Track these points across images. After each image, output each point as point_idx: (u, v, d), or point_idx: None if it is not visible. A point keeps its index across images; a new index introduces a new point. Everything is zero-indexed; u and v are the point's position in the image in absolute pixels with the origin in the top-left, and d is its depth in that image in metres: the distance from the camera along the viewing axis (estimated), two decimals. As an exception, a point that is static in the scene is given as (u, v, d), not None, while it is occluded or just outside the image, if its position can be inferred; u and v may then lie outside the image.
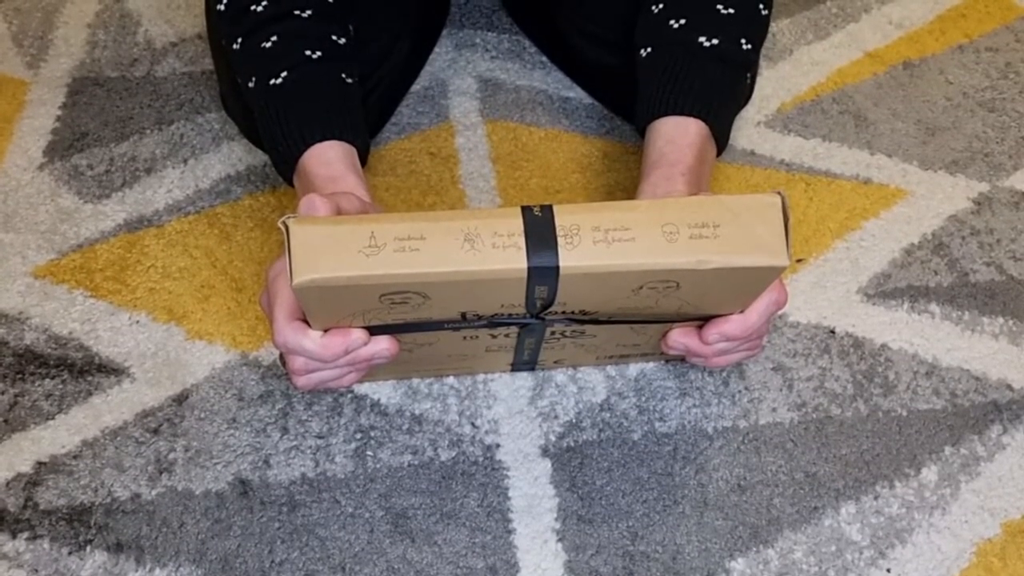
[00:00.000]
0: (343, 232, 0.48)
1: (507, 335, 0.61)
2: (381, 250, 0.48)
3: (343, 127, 0.66)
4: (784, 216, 0.50)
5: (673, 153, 0.65)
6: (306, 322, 0.55)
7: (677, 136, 0.66)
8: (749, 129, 0.88)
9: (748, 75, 0.73)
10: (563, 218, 0.49)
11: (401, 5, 0.84)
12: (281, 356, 0.60)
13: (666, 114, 0.67)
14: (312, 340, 0.55)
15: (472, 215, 0.49)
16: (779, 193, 0.50)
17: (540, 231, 0.49)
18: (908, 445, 0.69)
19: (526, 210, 0.49)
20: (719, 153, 0.70)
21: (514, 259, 0.48)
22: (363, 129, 0.69)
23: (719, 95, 0.69)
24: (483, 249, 0.48)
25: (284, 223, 0.48)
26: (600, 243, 0.49)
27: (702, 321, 0.60)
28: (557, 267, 0.49)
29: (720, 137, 0.69)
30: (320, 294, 0.49)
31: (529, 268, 0.48)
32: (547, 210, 0.49)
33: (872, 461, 0.68)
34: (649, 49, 0.71)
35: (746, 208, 0.50)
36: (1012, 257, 0.80)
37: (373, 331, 0.56)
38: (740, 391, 0.71)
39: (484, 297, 0.52)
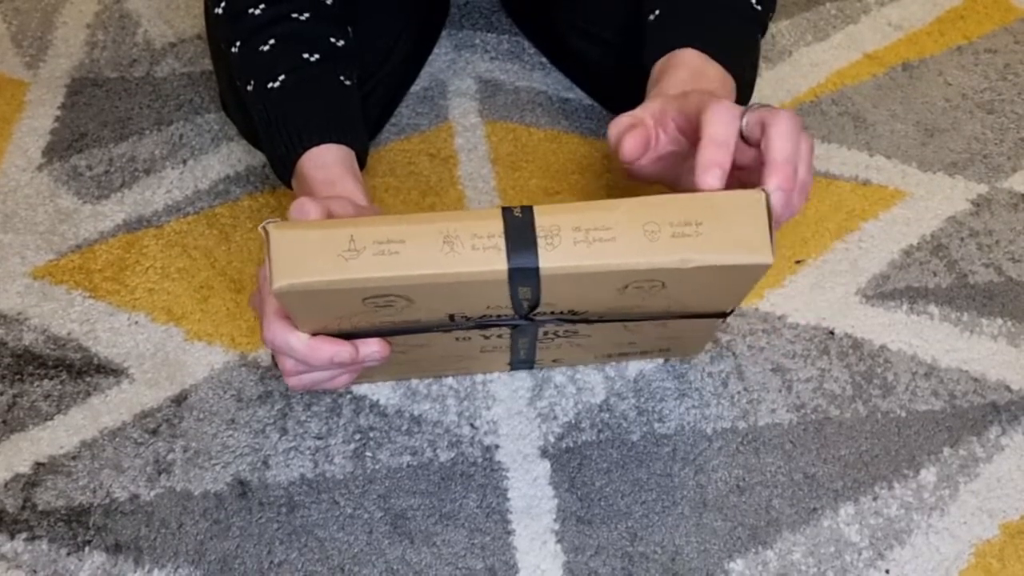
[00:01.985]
0: (322, 236, 0.48)
1: (500, 336, 0.61)
2: (360, 254, 0.48)
3: (341, 130, 0.66)
4: (768, 212, 0.50)
5: (711, 70, 0.62)
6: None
7: (709, 71, 0.62)
8: (748, 130, 0.88)
9: (760, 35, 0.70)
10: (543, 219, 0.49)
11: (400, 6, 0.84)
12: (274, 357, 0.60)
13: (686, 46, 0.63)
14: (300, 340, 0.55)
15: (452, 217, 0.49)
16: (763, 189, 0.50)
17: (520, 232, 0.48)
18: (907, 446, 0.69)
19: (506, 211, 0.49)
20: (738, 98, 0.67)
21: (493, 261, 0.48)
22: (362, 132, 0.69)
23: (739, 46, 0.66)
24: (462, 251, 0.48)
25: (264, 228, 0.48)
26: (580, 243, 0.48)
27: (694, 318, 0.59)
28: (537, 268, 0.48)
29: (741, 95, 0.66)
30: (301, 298, 0.49)
31: (510, 269, 0.48)
32: (527, 211, 0.49)
33: (871, 462, 0.68)
34: (657, 12, 0.68)
35: (729, 205, 0.49)
36: (1011, 258, 0.80)
37: (362, 334, 0.56)
38: (739, 392, 0.71)
39: (469, 299, 0.52)
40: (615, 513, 0.66)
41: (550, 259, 0.48)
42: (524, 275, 0.49)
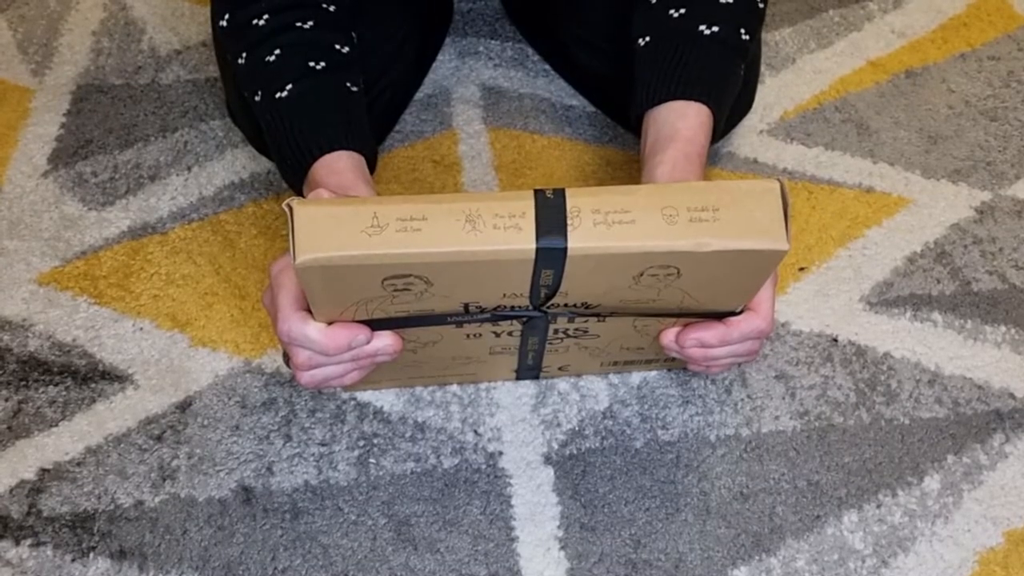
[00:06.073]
0: (346, 213, 0.48)
1: (510, 333, 0.61)
2: (383, 230, 0.48)
3: (350, 136, 0.66)
4: (783, 202, 0.50)
5: (688, 131, 0.64)
6: (311, 314, 0.56)
7: (690, 115, 0.65)
8: (752, 137, 0.89)
9: (743, 65, 0.72)
10: (568, 201, 0.50)
11: (404, 13, 0.84)
12: (285, 355, 0.60)
13: (671, 99, 0.66)
14: (316, 329, 0.55)
15: (476, 197, 0.49)
16: (778, 180, 0.50)
17: (551, 213, 0.49)
18: (911, 453, 0.69)
19: (538, 192, 0.49)
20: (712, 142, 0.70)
21: (519, 240, 0.49)
22: (370, 137, 0.69)
23: (721, 82, 0.68)
24: (484, 230, 0.49)
25: (288, 204, 0.48)
26: (600, 225, 0.49)
27: (704, 318, 0.60)
28: (565, 248, 0.49)
29: (717, 126, 0.68)
30: (323, 275, 0.49)
31: (537, 249, 0.49)
32: (559, 193, 0.50)
33: (875, 469, 0.68)
34: (648, 38, 0.70)
35: (745, 193, 0.50)
36: (1014, 266, 0.80)
37: (377, 326, 0.56)
38: (743, 399, 0.71)
39: (487, 283, 0.52)
40: (619, 520, 0.66)
41: (571, 240, 0.49)
42: (550, 256, 0.49)
